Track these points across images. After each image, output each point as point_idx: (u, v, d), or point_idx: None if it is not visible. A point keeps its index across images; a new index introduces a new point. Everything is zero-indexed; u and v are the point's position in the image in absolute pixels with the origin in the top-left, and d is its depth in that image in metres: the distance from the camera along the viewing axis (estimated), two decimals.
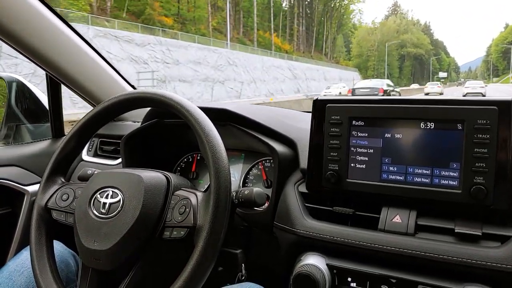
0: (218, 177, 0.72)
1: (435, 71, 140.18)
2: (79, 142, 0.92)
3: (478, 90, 28.52)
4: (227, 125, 1.12)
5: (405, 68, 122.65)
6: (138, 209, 0.73)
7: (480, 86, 29.95)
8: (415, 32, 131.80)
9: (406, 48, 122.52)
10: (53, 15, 1.26)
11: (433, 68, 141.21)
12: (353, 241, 0.84)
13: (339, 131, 0.91)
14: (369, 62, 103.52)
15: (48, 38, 1.26)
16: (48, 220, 0.86)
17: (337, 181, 0.90)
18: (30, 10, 1.18)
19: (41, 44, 1.24)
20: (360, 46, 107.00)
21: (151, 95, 0.85)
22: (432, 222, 0.82)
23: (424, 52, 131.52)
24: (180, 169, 1.34)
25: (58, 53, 1.30)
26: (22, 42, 1.20)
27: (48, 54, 1.28)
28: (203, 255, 0.69)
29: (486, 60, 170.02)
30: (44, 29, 1.24)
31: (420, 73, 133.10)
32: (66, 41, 1.32)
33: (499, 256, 0.72)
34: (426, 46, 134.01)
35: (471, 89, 29.05)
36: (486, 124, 0.77)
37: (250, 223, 1.06)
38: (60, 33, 1.29)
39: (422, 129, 0.83)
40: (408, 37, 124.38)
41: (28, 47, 1.22)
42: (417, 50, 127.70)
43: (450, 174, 0.80)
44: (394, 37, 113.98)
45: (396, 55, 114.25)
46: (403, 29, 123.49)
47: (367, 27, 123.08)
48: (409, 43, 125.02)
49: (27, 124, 1.61)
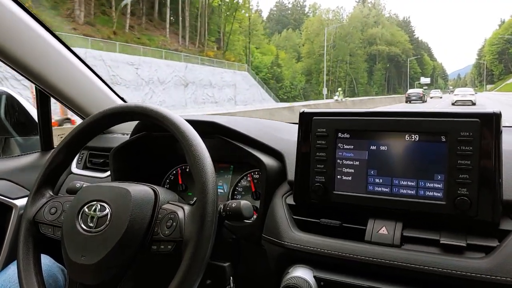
0: (204, 191, 0.73)
1: (415, 75, 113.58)
2: (68, 155, 0.93)
3: (468, 97, 28.18)
4: (216, 138, 1.12)
5: (376, 72, 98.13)
6: (125, 223, 0.73)
7: (470, 93, 29.57)
8: (388, 26, 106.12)
9: (377, 46, 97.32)
10: (42, 28, 1.26)
11: (413, 72, 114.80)
12: (340, 253, 0.84)
13: (325, 144, 0.92)
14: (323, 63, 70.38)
15: (37, 51, 1.26)
16: (35, 234, 0.86)
17: (324, 193, 0.91)
18: (18, 23, 1.19)
19: (30, 57, 1.24)
20: (311, 42, 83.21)
21: (139, 109, 0.85)
22: (417, 234, 0.82)
23: (400, 51, 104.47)
24: (169, 181, 1.34)
25: (47, 66, 1.31)
26: (11, 55, 1.20)
27: (37, 67, 1.28)
28: (190, 269, 0.69)
29: (478, 64, 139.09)
30: (33, 42, 1.24)
31: (397, 78, 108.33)
32: (55, 54, 1.32)
33: (483, 267, 0.73)
34: (404, 44, 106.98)
35: (461, 97, 28.64)
36: (469, 136, 0.79)
37: (239, 235, 1.06)
38: (49, 46, 1.29)
39: (406, 141, 0.84)
40: (378, 32, 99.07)
41: (17, 60, 1.22)
42: (391, 49, 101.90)
43: (435, 186, 0.82)
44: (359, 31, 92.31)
45: (362, 55, 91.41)
46: (372, 21, 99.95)
47: (320, 17, 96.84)
48: (380, 39, 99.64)
49: (17, 137, 1.60)
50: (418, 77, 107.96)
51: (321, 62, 75.19)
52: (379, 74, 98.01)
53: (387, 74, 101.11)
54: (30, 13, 1.22)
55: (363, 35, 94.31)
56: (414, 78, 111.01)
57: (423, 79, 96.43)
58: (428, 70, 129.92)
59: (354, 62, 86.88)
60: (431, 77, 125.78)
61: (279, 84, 62.46)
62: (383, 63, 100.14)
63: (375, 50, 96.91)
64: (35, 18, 1.23)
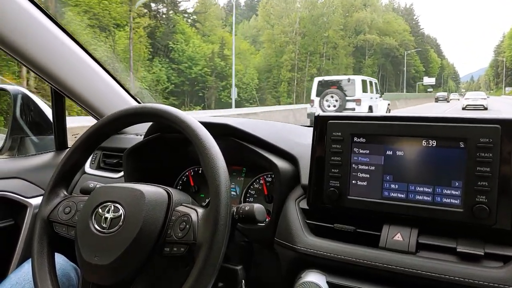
0: (218, 193, 0.73)
1: (416, 74, 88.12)
2: (82, 155, 0.93)
3: (480, 102, 27.28)
4: (229, 140, 1.12)
5: (366, 69, 68.69)
6: (139, 225, 0.74)
7: (481, 97, 28.62)
8: (380, 10, 75.32)
9: (365, 35, 68.47)
10: (57, 28, 1.27)
11: (414, 71, 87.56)
12: (353, 258, 0.83)
13: (340, 148, 0.91)
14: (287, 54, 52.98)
15: (52, 52, 1.28)
16: (50, 233, 0.87)
17: (338, 198, 0.90)
18: (35, 23, 1.20)
19: (45, 57, 1.26)
20: (271, 27, 56.00)
21: (153, 110, 0.85)
22: (433, 241, 0.81)
23: (398, 44, 75.78)
24: (181, 183, 1.34)
25: (62, 67, 1.32)
26: (26, 56, 1.21)
27: (52, 67, 1.29)
28: (203, 272, 0.69)
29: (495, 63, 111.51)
30: (48, 42, 1.25)
31: (395, 77, 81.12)
32: (70, 54, 1.33)
33: (501, 276, 0.71)
34: (403, 35, 78.46)
35: (472, 101, 27.80)
36: (488, 142, 0.77)
37: (251, 238, 1.06)
38: (64, 47, 1.30)
39: (424, 146, 0.83)
40: (366, 17, 68.40)
41: (32, 60, 1.23)
42: (385, 40, 72.58)
43: (452, 193, 0.80)
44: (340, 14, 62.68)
45: (344, 45, 63.70)
46: (360, 3, 69.10)
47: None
48: (369, 27, 69.55)
49: (32, 136, 1.62)
50: (421, 77, 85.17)
51: (283, 54, 52.86)
52: (370, 72, 67.58)
53: (380, 72, 75.40)
54: (46, 13, 1.23)
55: (347, 20, 66.88)
56: (416, 78, 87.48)
57: (427, 79, 75.91)
58: (435, 69, 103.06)
59: (335, 56, 61.69)
60: (439, 77, 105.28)
61: (222, 82, 42.24)
62: (375, 58, 73.88)
63: (363, 41, 69.61)
64: (51, 18, 1.25)
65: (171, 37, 37.78)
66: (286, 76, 52.66)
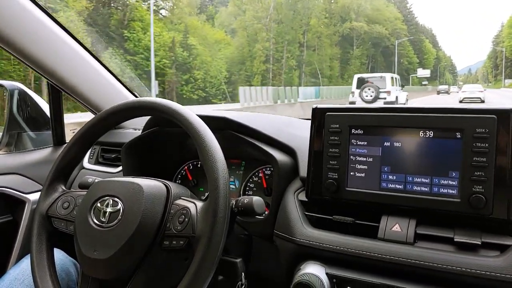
0: (217, 186, 0.73)
1: (410, 66, 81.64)
2: (80, 150, 0.93)
3: (477, 94, 27.58)
4: (227, 133, 1.12)
5: (353, 60, 65.23)
6: (138, 218, 0.74)
7: (478, 90, 28.93)
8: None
9: (351, 23, 63.51)
10: (54, 23, 1.27)
11: (407, 62, 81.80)
12: (352, 250, 0.84)
13: (338, 140, 0.91)
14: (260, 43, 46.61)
15: (49, 47, 1.27)
16: (48, 228, 0.87)
17: (337, 190, 0.90)
18: (31, 18, 1.19)
19: (42, 52, 1.25)
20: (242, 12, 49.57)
21: (151, 104, 0.85)
22: (431, 231, 0.82)
23: (388, 32, 70.04)
24: (180, 176, 1.34)
25: (59, 62, 1.31)
26: (23, 51, 1.21)
27: (49, 62, 1.28)
28: (202, 265, 0.69)
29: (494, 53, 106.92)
30: (45, 37, 1.25)
31: (386, 69, 68.45)
32: (67, 49, 1.33)
33: (498, 265, 0.72)
34: (394, 24, 72.99)
35: (469, 94, 28.06)
36: (485, 133, 0.77)
37: (250, 231, 1.06)
38: (61, 42, 1.30)
39: (421, 137, 0.83)
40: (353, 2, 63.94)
41: (29, 55, 1.23)
42: (374, 28, 67.09)
43: (449, 183, 0.81)
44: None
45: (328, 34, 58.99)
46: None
47: None
48: (355, 14, 64.92)
49: (29, 132, 1.62)
50: (415, 68, 78.26)
51: (256, 43, 45.73)
52: (358, 64, 64.66)
53: (369, 64, 69.87)
54: (42, 9, 1.22)
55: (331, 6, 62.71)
56: (409, 70, 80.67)
57: (421, 71, 67.90)
58: (430, 61, 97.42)
59: (319, 46, 56.09)
60: (434, 69, 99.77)
61: (185, 76, 36.59)
62: (363, 48, 68.57)
63: (350, 30, 63.89)
64: (48, 13, 1.24)
65: (127, 26, 33.01)
66: (260, 68, 46.66)
